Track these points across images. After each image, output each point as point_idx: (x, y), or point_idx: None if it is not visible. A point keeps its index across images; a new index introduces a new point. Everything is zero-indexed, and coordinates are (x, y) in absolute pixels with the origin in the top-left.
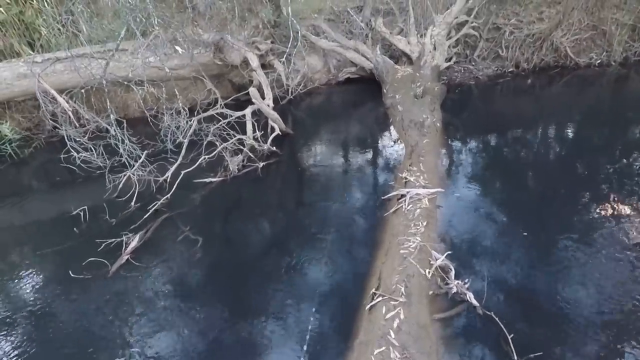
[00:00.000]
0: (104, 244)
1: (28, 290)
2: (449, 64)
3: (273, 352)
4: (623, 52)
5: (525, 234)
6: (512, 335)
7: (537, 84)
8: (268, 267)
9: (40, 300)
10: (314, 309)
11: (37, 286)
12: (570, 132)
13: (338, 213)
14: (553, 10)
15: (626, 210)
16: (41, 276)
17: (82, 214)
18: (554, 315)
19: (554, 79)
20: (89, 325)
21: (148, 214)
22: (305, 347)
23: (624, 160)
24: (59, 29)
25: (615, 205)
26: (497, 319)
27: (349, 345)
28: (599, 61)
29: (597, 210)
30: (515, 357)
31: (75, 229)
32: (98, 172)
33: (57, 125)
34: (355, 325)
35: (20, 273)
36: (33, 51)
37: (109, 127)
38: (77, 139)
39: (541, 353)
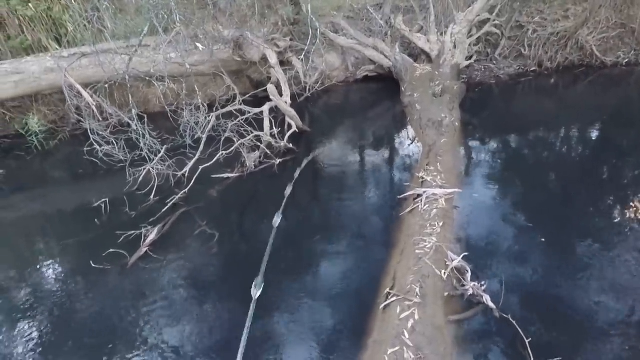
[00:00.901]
0: (123, 236)
1: (52, 279)
2: (469, 62)
3: (288, 348)
4: None
5: (543, 239)
6: (529, 339)
7: (561, 83)
8: (283, 263)
9: (63, 289)
10: (328, 307)
11: (60, 275)
12: (594, 133)
13: (354, 211)
14: (579, 8)
15: None
16: (64, 265)
17: (103, 206)
18: (573, 320)
19: (579, 78)
20: (109, 315)
21: (166, 207)
22: (319, 344)
23: None
24: (84, 25)
25: (634, 209)
26: (514, 322)
27: (363, 344)
28: (626, 60)
29: (619, 214)
30: None
31: (96, 220)
32: (119, 165)
33: (82, 119)
34: (370, 324)
35: (45, 262)
36: (60, 46)
37: (130, 122)
38: (100, 133)
39: (560, 358)
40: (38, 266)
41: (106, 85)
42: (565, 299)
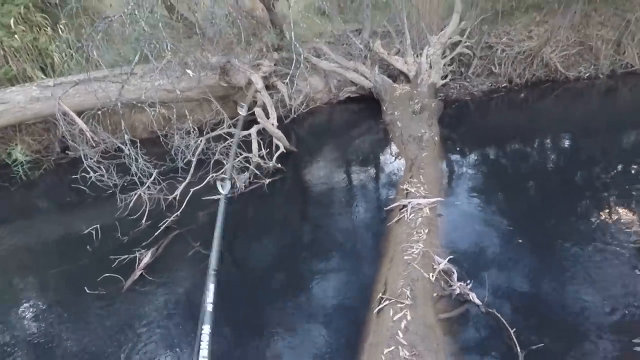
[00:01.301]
0: (117, 261)
1: (45, 307)
2: (444, 81)
3: (287, 356)
4: (610, 65)
5: (521, 240)
6: (514, 329)
7: (530, 97)
8: (278, 277)
9: (58, 316)
10: (325, 316)
11: (54, 302)
12: (563, 143)
13: (343, 225)
14: (541, 29)
15: (619, 215)
16: (56, 293)
17: (94, 232)
18: (553, 311)
19: (546, 92)
20: (106, 339)
21: (159, 231)
22: (318, 351)
23: (617, 168)
24: (71, 55)
25: (607, 211)
26: (499, 315)
27: (360, 347)
28: (587, 74)
29: (591, 216)
30: (518, 350)
31: (88, 247)
32: (107, 192)
33: (69, 147)
34: (365, 329)
35: (36, 290)
36: (45, 76)
37: (123, 147)
38: (91, 158)
39: (542, 345)
40: (30, 296)
41: (93, 113)
42: (544, 293)
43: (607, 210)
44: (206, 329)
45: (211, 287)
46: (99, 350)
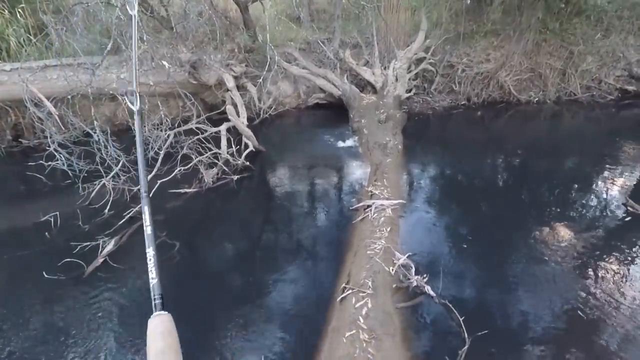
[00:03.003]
0: (78, 247)
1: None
2: (409, 94)
3: (254, 340)
4: (556, 92)
5: (465, 246)
6: (463, 317)
7: (486, 116)
8: (244, 269)
9: (11, 299)
10: (291, 302)
11: (5, 287)
12: (512, 159)
13: (310, 222)
14: (498, 53)
15: (554, 226)
16: (10, 278)
17: (52, 220)
18: (497, 304)
19: (500, 112)
20: (66, 323)
21: (123, 220)
22: (284, 334)
23: (558, 186)
24: (29, 40)
25: (546, 222)
26: (450, 305)
27: (323, 331)
28: (536, 99)
29: (531, 225)
30: (466, 335)
31: (46, 234)
32: (66, 181)
33: (23, 135)
34: (329, 315)
35: None
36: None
37: (92, 133)
38: (54, 143)
39: (487, 331)
40: None
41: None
42: (490, 288)
43: (546, 221)
44: (150, 252)
45: (146, 210)
46: (56, 332)
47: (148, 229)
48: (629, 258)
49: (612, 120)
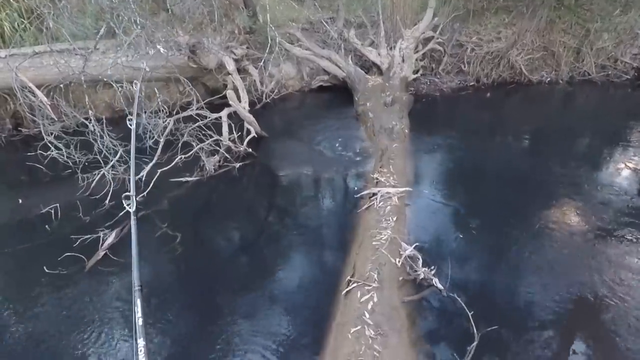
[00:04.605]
0: (79, 241)
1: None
2: (416, 76)
3: (260, 333)
4: (569, 72)
5: (474, 235)
6: (472, 312)
7: (496, 97)
8: (248, 260)
9: (13, 294)
10: (296, 296)
11: (6, 281)
12: (523, 142)
13: (314, 210)
14: (509, 31)
15: (570, 210)
16: (11, 272)
17: (52, 212)
18: (508, 297)
19: (510, 93)
20: (67, 317)
21: (124, 211)
22: (289, 328)
23: (570, 167)
24: (23, 24)
25: (560, 206)
26: (459, 299)
27: (328, 326)
28: (548, 79)
29: (545, 210)
30: (475, 331)
31: (47, 226)
32: (66, 171)
33: (23, 124)
34: (334, 309)
35: None
36: None
37: (87, 122)
38: (50, 134)
39: (497, 326)
40: None
41: (60, 87)
42: (500, 281)
43: (560, 206)
44: (141, 342)
45: (138, 302)
46: (58, 328)
47: (139, 321)
48: None
49: (628, 101)
